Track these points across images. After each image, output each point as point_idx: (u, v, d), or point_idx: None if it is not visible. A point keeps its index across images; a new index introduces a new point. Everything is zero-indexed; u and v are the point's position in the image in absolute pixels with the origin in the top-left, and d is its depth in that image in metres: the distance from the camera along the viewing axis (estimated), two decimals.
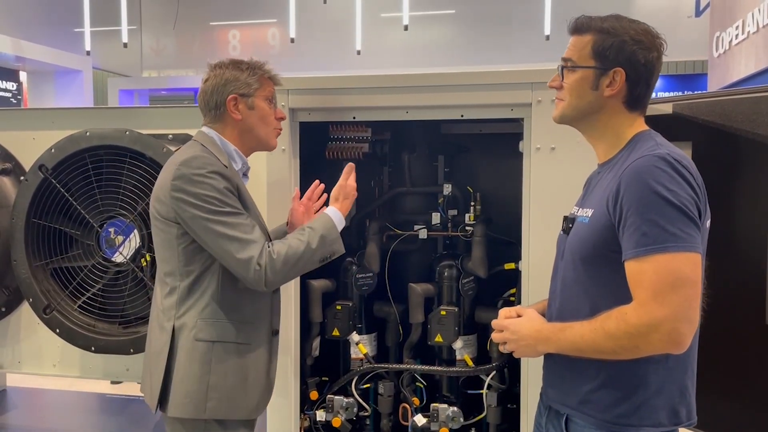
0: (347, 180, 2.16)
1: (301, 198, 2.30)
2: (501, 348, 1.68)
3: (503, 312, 1.71)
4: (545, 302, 1.77)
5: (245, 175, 2.12)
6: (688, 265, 1.40)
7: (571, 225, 1.64)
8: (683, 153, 1.51)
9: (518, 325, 1.62)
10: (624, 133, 1.61)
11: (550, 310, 1.71)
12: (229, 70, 2.02)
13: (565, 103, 1.63)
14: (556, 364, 1.64)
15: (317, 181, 2.32)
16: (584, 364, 1.54)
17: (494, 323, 1.69)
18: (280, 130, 2.14)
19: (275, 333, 2.10)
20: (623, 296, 1.46)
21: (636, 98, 1.59)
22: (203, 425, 1.96)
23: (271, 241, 2.07)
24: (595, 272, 1.55)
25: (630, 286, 1.45)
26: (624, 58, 1.55)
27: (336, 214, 2.07)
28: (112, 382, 4.50)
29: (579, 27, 1.62)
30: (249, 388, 2.00)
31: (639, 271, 1.42)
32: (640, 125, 1.63)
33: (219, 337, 1.95)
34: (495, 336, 1.68)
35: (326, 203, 2.22)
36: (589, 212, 1.57)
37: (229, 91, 2.01)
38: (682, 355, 1.47)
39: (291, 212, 2.28)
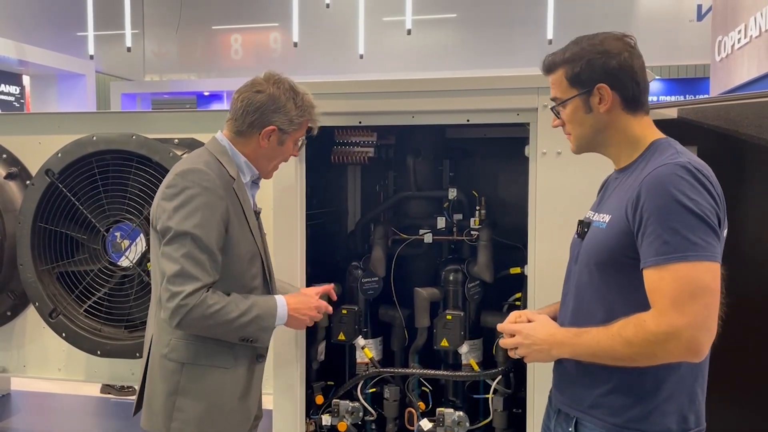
0: (317, 295, 2.10)
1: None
2: (511, 353, 1.68)
3: (512, 316, 1.71)
4: (554, 306, 1.77)
5: (256, 183, 2.07)
6: (708, 274, 1.40)
7: (586, 229, 1.64)
8: (703, 161, 1.52)
9: (532, 330, 1.62)
10: (637, 137, 1.61)
11: (562, 313, 1.71)
12: (285, 98, 1.94)
13: (574, 135, 1.67)
14: (567, 367, 1.64)
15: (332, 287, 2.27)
16: (595, 368, 1.55)
17: (505, 328, 1.68)
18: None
19: (260, 358, 2.01)
20: (638, 302, 1.46)
21: (632, 100, 1.60)
22: None
23: (266, 256, 2.05)
24: (610, 277, 1.55)
25: (648, 293, 1.45)
26: (598, 73, 1.58)
27: (283, 308, 1.94)
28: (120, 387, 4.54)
29: (548, 67, 1.67)
30: (220, 414, 1.91)
31: (658, 278, 1.43)
32: (651, 127, 1.63)
33: (191, 359, 1.88)
34: (506, 341, 1.67)
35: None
36: (606, 218, 1.57)
37: (273, 120, 1.93)
38: (694, 362, 1.47)
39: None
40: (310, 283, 2.52)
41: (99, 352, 2.78)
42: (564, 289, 1.73)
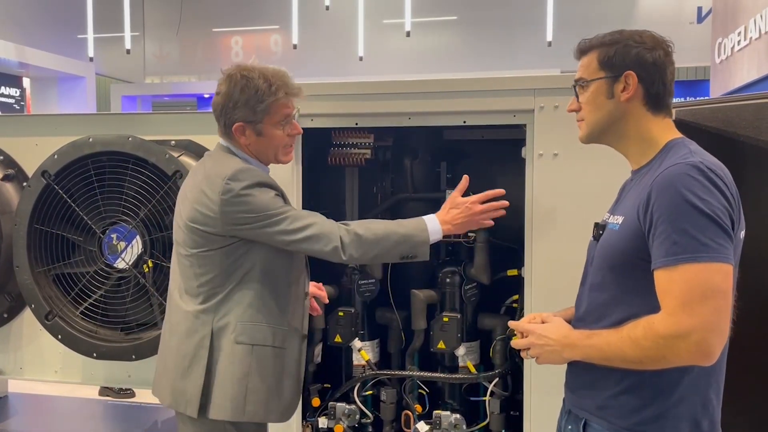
0: (459, 193, 2.14)
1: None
2: (523, 354, 1.66)
3: (528, 317, 1.71)
4: (571, 310, 1.75)
5: None
6: (718, 276, 1.38)
7: (601, 231, 1.63)
8: (718, 161, 1.50)
9: (545, 331, 1.61)
10: (654, 137, 1.59)
11: (576, 314, 1.69)
12: (238, 91, 1.93)
13: (587, 121, 1.64)
14: (578, 368, 1.62)
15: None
16: (606, 369, 1.53)
17: (518, 326, 1.67)
18: (292, 146, 2.10)
19: (304, 338, 2.13)
20: (652, 304, 1.44)
21: (655, 98, 1.58)
22: (221, 427, 1.97)
23: None
24: (624, 279, 1.53)
25: (658, 295, 1.43)
26: (631, 60, 1.56)
27: (433, 222, 2.04)
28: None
29: (582, 49, 1.65)
30: (284, 391, 2.03)
31: (668, 280, 1.40)
32: (671, 129, 1.61)
33: (258, 340, 1.97)
34: (518, 341, 1.66)
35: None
36: (620, 219, 1.56)
37: (237, 118, 1.95)
38: (708, 366, 1.44)
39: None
40: None
41: (95, 354, 2.77)
42: (579, 291, 1.71)
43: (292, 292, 2.07)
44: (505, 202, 2.12)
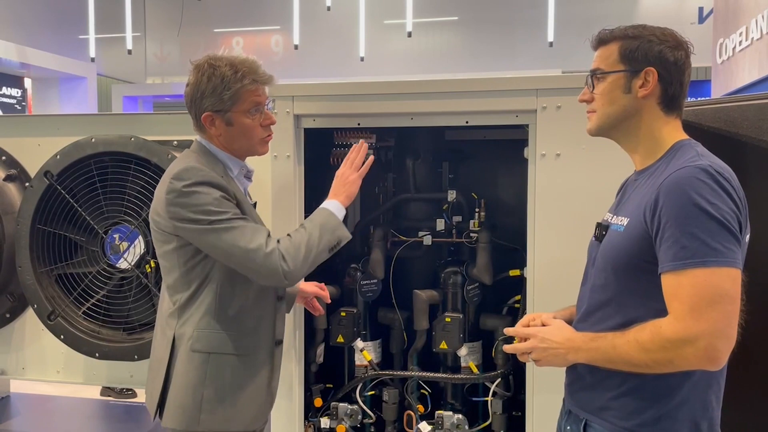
0: (348, 166, 2.13)
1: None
2: (524, 357, 1.64)
3: (526, 319, 1.69)
4: (570, 310, 1.74)
5: (248, 177, 2.06)
6: (727, 281, 1.37)
7: (604, 232, 1.61)
8: (725, 164, 1.48)
9: (547, 334, 1.59)
10: (662, 137, 1.57)
11: (577, 315, 1.68)
12: (206, 80, 1.90)
13: (599, 114, 1.61)
14: (579, 369, 1.61)
15: None
16: (607, 371, 1.52)
17: (519, 332, 1.65)
18: (269, 136, 2.02)
19: (278, 343, 2.04)
20: (655, 307, 1.44)
21: (671, 98, 1.56)
22: None
23: None
24: (628, 281, 1.52)
25: (666, 299, 1.42)
26: (653, 57, 1.54)
27: (331, 203, 2.03)
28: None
29: (603, 38, 1.61)
30: (247, 400, 1.94)
31: (676, 284, 1.40)
32: (678, 130, 1.60)
33: (215, 348, 1.90)
34: (518, 345, 1.63)
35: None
36: (624, 221, 1.54)
37: (205, 107, 1.90)
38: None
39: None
40: None
41: (97, 355, 2.77)
42: (580, 292, 1.70)
43: (259, 296, 1.97)
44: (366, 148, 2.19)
